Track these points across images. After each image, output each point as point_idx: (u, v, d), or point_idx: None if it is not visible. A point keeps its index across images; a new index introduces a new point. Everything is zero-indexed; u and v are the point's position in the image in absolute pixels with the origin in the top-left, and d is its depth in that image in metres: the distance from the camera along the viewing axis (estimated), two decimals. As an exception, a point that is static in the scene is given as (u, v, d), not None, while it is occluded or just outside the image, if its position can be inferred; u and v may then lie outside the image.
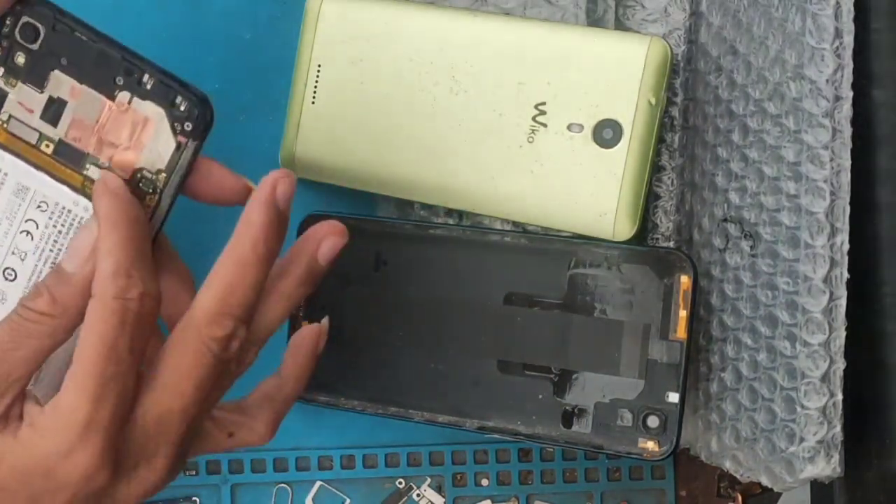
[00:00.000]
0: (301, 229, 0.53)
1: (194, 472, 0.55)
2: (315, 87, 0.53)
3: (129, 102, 0.39)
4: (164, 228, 0.40)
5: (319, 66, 0.53)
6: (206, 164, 0.40)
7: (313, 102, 0.53)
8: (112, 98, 0.39)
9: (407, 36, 0.52)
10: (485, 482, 0.56)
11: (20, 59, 0.39)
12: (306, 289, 0.41)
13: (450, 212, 0.53)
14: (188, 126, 0.39)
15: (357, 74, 0.52)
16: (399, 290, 0.53)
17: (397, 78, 0.52)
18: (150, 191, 0.39)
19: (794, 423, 0.45)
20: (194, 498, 0.56)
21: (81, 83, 0.39)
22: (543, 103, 0.50)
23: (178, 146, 0.39)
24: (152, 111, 0.39)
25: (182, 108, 0.39)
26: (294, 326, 0.54)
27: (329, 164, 0.53)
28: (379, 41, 0.52)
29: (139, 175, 0.39)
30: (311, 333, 0.44)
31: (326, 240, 0.40)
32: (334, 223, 0.41)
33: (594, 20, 0.52)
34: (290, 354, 0.44)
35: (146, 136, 0.39)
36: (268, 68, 0.55)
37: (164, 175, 0.39)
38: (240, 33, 0.55)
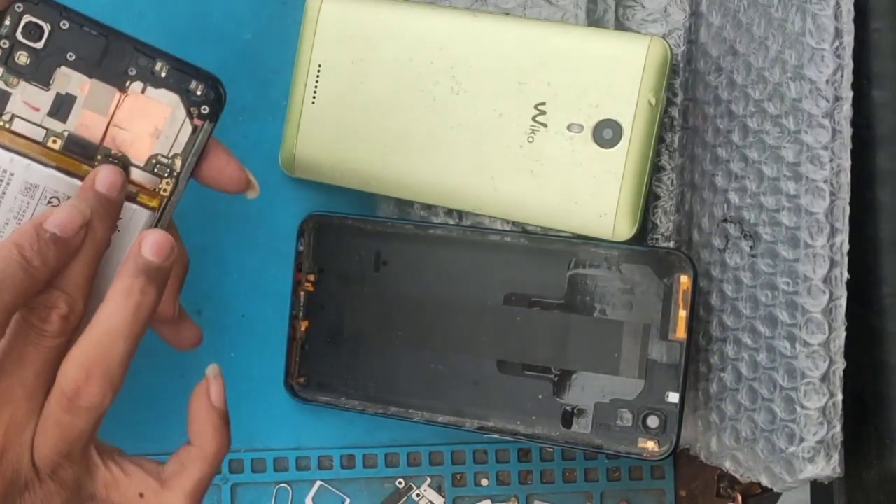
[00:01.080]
0: (301, 229, 0.53)
1: (194, 472, 0.55)
2: (315, 87, 0.53)
3: (143, 91, 0.40)
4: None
5: (319, 66, 0.53)
6: (214, 147, 0.41)
7: (313, 102, 0.53)
8: (124, 89, 0.40)
9: (407, 36, 0.52)
10: (484, 482, 0.56)
11: (22, 58, 0.39)
12: (136, 279, 0.38)
13: (450, 212, 0.53)
14: (204, 109, 0.40)
15: (357, 74, 0.52)
16: (399, 290, 0.53)
17: (397, 78, 0.52)
18: (167, 175, 0.40)
19: (793, 424, 0.45)
20: (194, 498, 0.56)
21: (91, 77, 0.40)
22: (543, 103, 0.50)
23: (195, 129, 0.40)
24: (167, 98, 0.40)
25: (198, 93, 0.40)
26: (294, 328, 0.54)
27: (329, 164, 0.53)
28: (379, 41, 0.52)
29: (154, 161, 0.40)
30: (200, 389, 0.41)
31: (146, 237, 0.38)
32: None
33: (594, 20, 0.52)
34: (190, 417, 0.41)
35: (161, 122, 0.40)
36: (268, 68, 0.55)
37: (180, 159, 0.40)
38: (240, 33, 0.55)
